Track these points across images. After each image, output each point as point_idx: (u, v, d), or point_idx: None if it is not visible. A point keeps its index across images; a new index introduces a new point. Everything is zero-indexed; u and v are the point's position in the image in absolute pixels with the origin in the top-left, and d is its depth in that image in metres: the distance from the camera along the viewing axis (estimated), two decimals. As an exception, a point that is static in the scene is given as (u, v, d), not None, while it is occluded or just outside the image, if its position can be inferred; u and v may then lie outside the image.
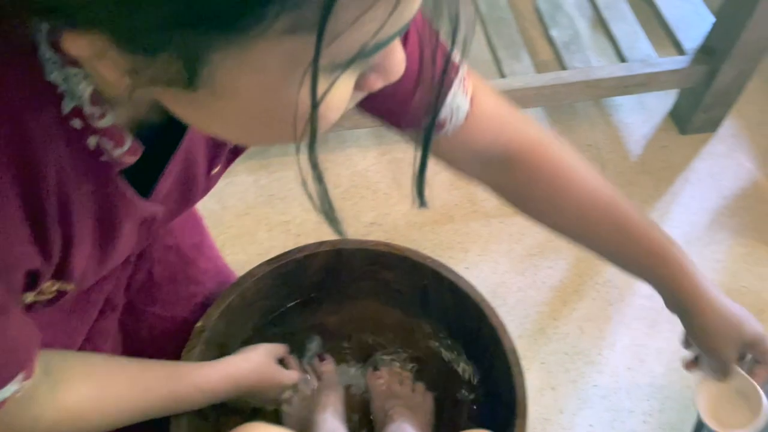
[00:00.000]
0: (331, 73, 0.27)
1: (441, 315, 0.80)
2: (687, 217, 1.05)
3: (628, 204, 0.53)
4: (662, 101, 1.19)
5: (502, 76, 1.03)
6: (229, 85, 0.27)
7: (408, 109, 0.42)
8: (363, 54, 0.26)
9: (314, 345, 0.81)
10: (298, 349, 0.78)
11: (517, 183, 0.54)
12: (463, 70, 0.48)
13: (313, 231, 1.01)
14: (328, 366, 0.78)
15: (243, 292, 0.75)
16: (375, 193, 1.07)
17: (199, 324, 0.71)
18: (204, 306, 0.72)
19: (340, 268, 0.81)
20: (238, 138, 0.36)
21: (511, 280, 0.98)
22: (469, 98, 0.48)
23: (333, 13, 0.23)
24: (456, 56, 0.33)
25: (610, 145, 1.14)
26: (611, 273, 0.98)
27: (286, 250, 0.75)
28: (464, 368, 0.79)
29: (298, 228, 1.03)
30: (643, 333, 0.93)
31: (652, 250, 0.53)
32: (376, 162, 1.11)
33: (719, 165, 1.11)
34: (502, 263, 1.00)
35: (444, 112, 0.47)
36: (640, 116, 1.18)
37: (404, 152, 1.12)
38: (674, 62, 1.04)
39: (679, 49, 1.07)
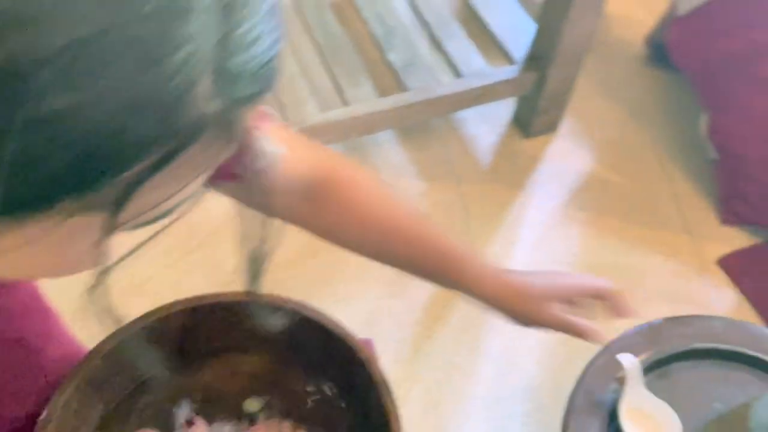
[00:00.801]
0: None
1: (312, 357, 0.78)
2: (540, 216, 1.10)
3: (420, 222, 0.55)
4: (504, 110, 1.25)
5: (345, 103, 1.04)
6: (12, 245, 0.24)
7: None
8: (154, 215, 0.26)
9: (183, 411, 0.76)
10: (165, 419, 0.73)
11: (322, 209, 0.54)
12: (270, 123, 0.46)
13: (171, 289, 0.96)
14: (199, 431, 0.73)
15: (92, 371, 0.69)
16: (234, 237, 1.03)
17: (42, 416, 0.65)
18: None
19: (199, 325, 0.77)
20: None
21: (383, 304, 0.98)
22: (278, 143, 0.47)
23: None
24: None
25: (463, 158, 1.18)
26: (478, 282, 1.01)
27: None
28: (342, 407, 0.77)
29: (157, 287, 0.97)
30: (513, 335, 0.96)
31: (439, 259, 0.55)
32: (233, 204, 1.07)
33: (563, 163, 1.18)
34: (373, 289, 0.99)
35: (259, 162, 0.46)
36: (486, 126, 1.23)
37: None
38: (506, 72, 1.10)
39: (510, 60, 1.13)
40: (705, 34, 1.07)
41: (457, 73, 1.10)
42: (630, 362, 0.67)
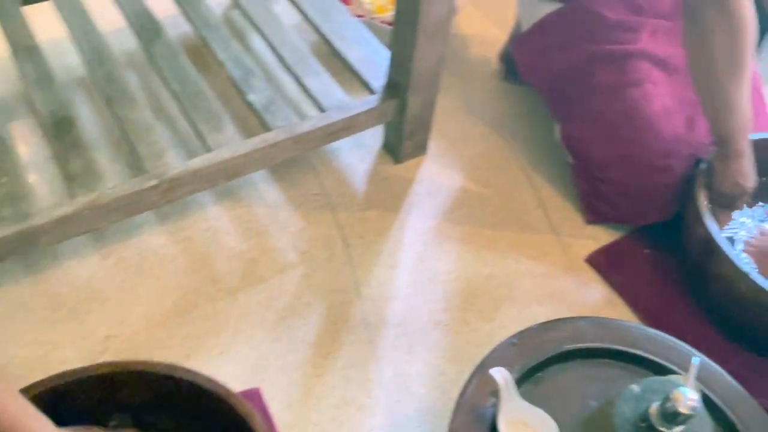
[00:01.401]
0: None
1: (192, 419, 0.75)
2: (418, 237, 1.12)
3: None
4: (374, 137, 1.27)
5: (208, 150, 1.02)
6: None
7: None
8: None
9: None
10: None
11: None
12: None
13: (40, 366, 0.90)
14: None
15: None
16: (104, 303, 0.98)
17: None
18: None
19: (65, 404, 0.72)
20: None
21: (269, 350, 0.96)
22: None
23: None
24: None
25: (338, 188, 1.18)
26: (364, 311, 1.01)
27: None
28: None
29: (21, 367, 0.90)
30: (402, 360, 0.96)
31: None
32: (99, 268, 1.02)
33: (435, 183, 1.21)
34: (257, 336, 0.97)
35: None
36: (359, 155, 1.25)
37: (128, 248, 1.05)
38: (367, 103, 1.11)
39: (370, 90, 1.15)
40: (545, 49, 1.14)
41: (320, 108, 1.11)
42: (501, 375, 0.69)
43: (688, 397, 0.60)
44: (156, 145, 1.01)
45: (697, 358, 0.65)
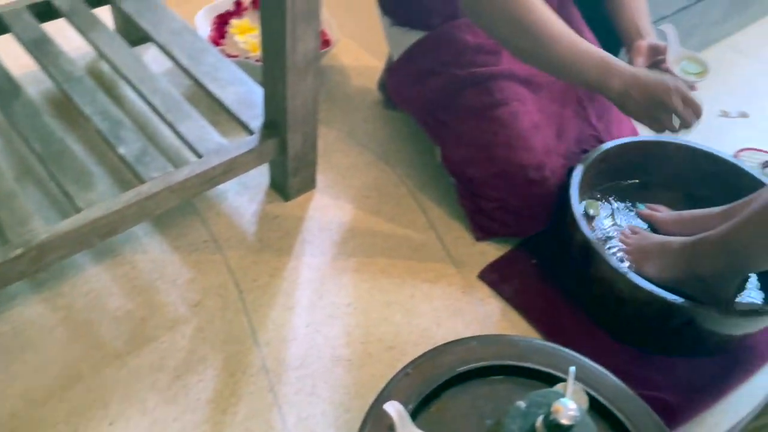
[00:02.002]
0: None
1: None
2: (313, 274, 1.11)
3: None
4: (261, 176, 1.25)
5: (78, 210, 0.96)
6: None
7: None
8: None
9: None
10: None
11: None
12: None
13: None
14: None
15: None
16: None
17: None
18: None
19: None
20: None
21: (164, 413, 0.91)
22: None
23: None
24: None
25: (227, 233, 1.16)
26: (261, 358, 0.99)
27: None
28: None
29: None
30: (306, 403, 0.94)
31: None
32: (-33, 351, 0.94)
33: (326, 217, 1.21)
34: (149, 400, 0.92)
35: None
36: (246, 196, 1.22)
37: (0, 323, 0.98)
38: (245, 144, 1.10)
39: (248, 130, 1.13)
40: (415, 77, 1.17)
41: (197, 154, 1.08)
42: (395, 409, 0.69)
43: (568, 407, 0.61)
44: (20, 212, 0.95)
45: (573, 367, 0.67)
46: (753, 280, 1.06)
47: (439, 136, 1.18)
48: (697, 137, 1.41)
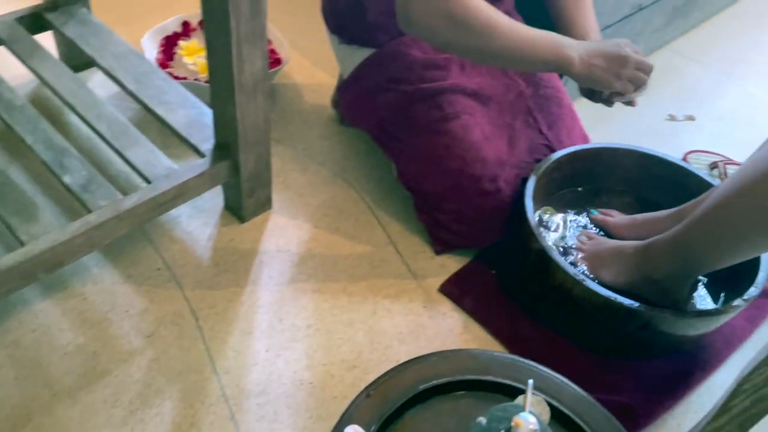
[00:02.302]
0: None
1: None
2: (272, 297, 1.09)
3: None
4: (214, 200, 1.23)
5: (22, 243, 0.93)
6: None
7: None
8: None
9: None
10: None
11: None
12: None
13: None
14: None
15: None
16: None
17: None
18: None
19: None
20: None
21: (120, 450, 0.88)
22: None
23: None
24: None
25: (181, 259, 1.13)
26: (221, 387, 0.96)
27: None
28: None
29: None
30: (268, 430, 0.92)
31: None
32: None
33: (284, 237, 1.19)
34: (104, 436, 0.89)
35: None
36: (200, 220, 1.20)
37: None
38: (196, 167, 1.08)
39: (199, 153, 1.11)
40: (365, 94, 1.17)
41: (145, 180, 1.06)
42: (355, 433, 0.68)
43: (528, 421, 0.61)
44: (-41, 248, 0.91)
45: (531, 380, 0.67)
46: (703, 279, 1.08)
47: (394, 152, 1.18)
48: (645, 141, 1.44)
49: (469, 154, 1.08)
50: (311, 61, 1.57)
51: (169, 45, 1.43)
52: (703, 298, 1.06)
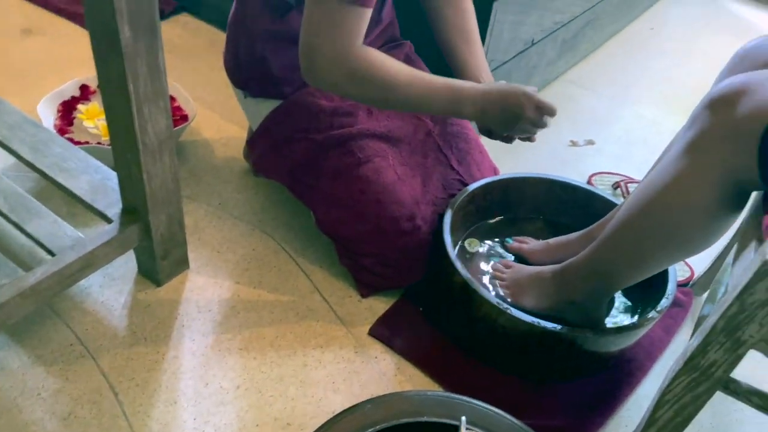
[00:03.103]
0: None
1: None
2: (197, 361, 1.05)
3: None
4: (127, 265, 1.18)
5: None
6: None
7: None
8: None
9: None
10: None
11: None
12: None
13: None
14: None
15: None
16: None
17: None
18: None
19: None
20: None
21: None
22: None
23: None
24: None
25: (95, 331, 1.07)
26: (148, 464, 0.91)
27: None
28: None
29: None
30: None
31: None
32: None
33: (205, 297, 1.15)
34: None
35: None
36: (114, 289, 1.15)
37: None
38: (104, 234, 1.03)
39: (107, 219, 1.07)
40: (275, 145, 1.16)
41: (49, 252, 1.00)
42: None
43: (464, 459, 0.61)
44: None
45: (464, 417, 0.67)
46: (618, 296, 1.13)
47: (310, 200, 1.17)
48: (551, 168, 1.51)
49: (385, 196, 1.09)
50: (220, 115, 1.55)
51: (67, 110, 1.38)
52: (621, 314, 1.10)
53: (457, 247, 1.17)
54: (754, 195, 0.83)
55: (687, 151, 0.78)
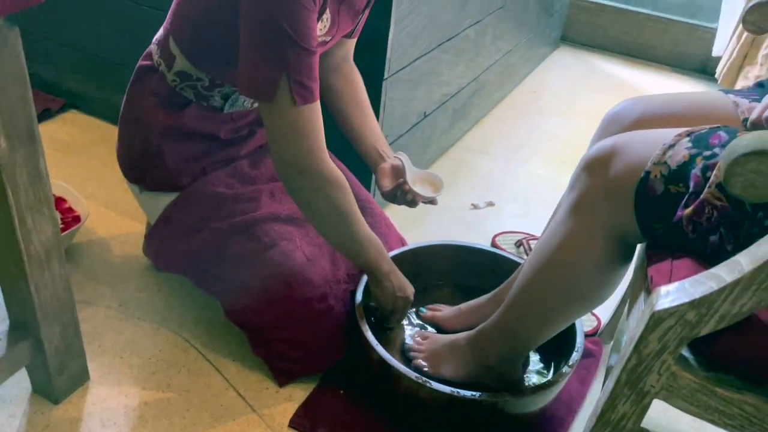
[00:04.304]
0: None
1: None
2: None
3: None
4: (20, 385, 1.08)
5: None
6: None
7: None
8: None
9: None
10: None
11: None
12: None
13: None
14: None
15: None
16: None
17: None
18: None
19: None
20: None
21: None
22: None
23: None
24: None
25: (-16, 465, 0.96)
26: None
27: None
28: None
29: None
30: None
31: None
32: None
33: (109, 410, 1.07)
34: None
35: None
36: (5, 413, 1.04)
37: None
38: (-11, 356, 0.95)
39: (-8, 338, 0.98)
40: (175, 238, 1.13)
41: (-76, 384, 0.90)
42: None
43: None
44: None
45: None
46: (532, 354, 1.15)
47: (217, 292, 1.14)
48: (456, 232, 1.55)
49: (294, 279, 1.08)
50: (116, 212, 1.50)
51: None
52: (536, 373, 1.12)
53: (374, 322, 1.16)
54: (639, 247, 0.88)
55: (571, 212, 0.83)
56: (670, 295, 0.65)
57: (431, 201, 1.17)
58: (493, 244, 1.52)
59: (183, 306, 1.28)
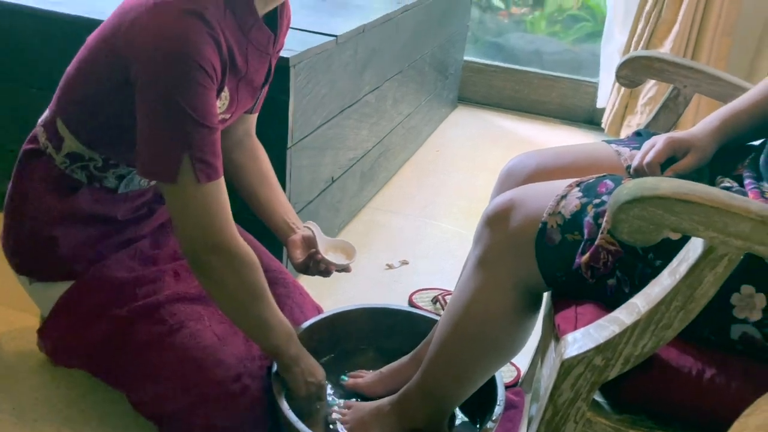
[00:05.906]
0: None
1: None
2: None
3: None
4: None
5: None
6: None
7: None
8: None
9: None
10: None
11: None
12: None
13: None
14: None
15: None
16: None
17: None
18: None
19: None
20: None
21: None
22: None
23: None
24: None
25: None
26: None
27: None
28: None
29: None
30: None
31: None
32: None
33: None
34: None
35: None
36: None
37: None
38: None
39: None
40: (72, 329, 1.06)
41: None
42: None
43: None
44: None
45: None
46: (457, 412, 1.14)
47: (122, 383, 1.06)
48: (373, 294, 1.54)
49: (206, 360, 1.03)
50: (6, 306, 1.39)
51: None
52: (463, 430, 1.11)
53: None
54: (546, 296, 0.91)
55: (478, 267, 0.84)
56: (577, 342, 0.67)
57: (345, 269, 1.16)
58: (411, 303, 1.52)
59: (86, 402, 1.18)
